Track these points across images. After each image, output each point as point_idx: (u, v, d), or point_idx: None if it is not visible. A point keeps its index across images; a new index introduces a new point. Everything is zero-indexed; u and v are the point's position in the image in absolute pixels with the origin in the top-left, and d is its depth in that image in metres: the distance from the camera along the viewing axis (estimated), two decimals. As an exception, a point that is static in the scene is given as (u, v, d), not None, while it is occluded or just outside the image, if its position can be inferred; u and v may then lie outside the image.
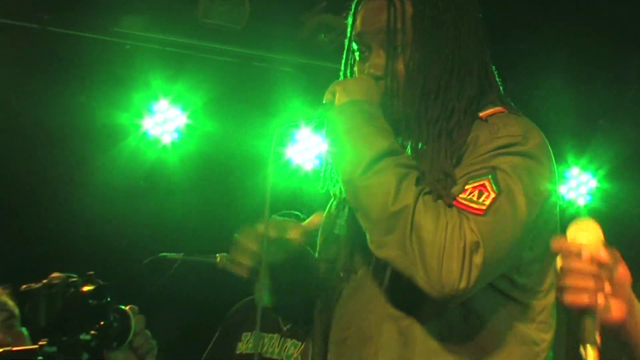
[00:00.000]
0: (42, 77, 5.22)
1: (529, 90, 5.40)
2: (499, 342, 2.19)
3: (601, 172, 5.80)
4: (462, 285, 2.01)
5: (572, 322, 1.76)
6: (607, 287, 1.76)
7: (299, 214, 3.93)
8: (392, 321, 2.19)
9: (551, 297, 2.27)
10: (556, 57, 5.33)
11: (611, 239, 1.81)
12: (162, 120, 5.58)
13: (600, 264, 1.75)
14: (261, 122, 5.34)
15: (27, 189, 5.42)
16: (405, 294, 2.16)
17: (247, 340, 4.22)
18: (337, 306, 2.33)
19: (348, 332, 2.28)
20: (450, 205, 2.09)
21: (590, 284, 1.74)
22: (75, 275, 2.18)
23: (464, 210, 2.07)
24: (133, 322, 2.17)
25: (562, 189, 5.73)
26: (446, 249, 2.02)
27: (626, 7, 4.97)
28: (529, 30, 5.17)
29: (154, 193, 5.73)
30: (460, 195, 2.10)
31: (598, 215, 5.52)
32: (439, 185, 2.13)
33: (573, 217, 1.84)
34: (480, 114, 2.23)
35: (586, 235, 1.78)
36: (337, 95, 2.23)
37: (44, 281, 2.16)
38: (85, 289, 2.14)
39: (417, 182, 2.11)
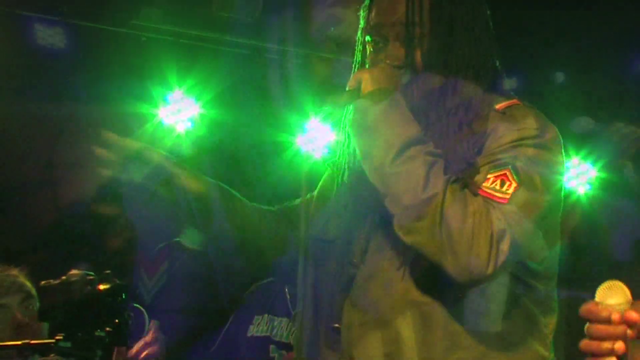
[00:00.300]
0: (60, 69, 5.24)
1: (531, 84, 5.43)
2: (514, 324, 2.28)
3: (600, 163, 5.82)
4: (489, 270, 2.09)
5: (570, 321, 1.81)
6: (622, 347, 1.74)
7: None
8: (414, 306, 2.25)
9: (555, 283, 2.37)
10: (558, 52, 5.38)
11: (609, 227, 1.88)
12: (176, 110, 5.59)
13: (630, 324, 1.74)
14: (272, 112, 5.39)
15: (41, 180, 5.44)
16: (426, 280, 2.22)
17: (259, 324, 4.24)
18: (352, 290, 2.37)
19: (366, 317, 2.32)
20: (475, 194, 2.16)
21: (614, 346, 1.73)
22: (92, 273, 2.21)
23: (488, 199, 2.15)
24: (147, 320, 2.23)
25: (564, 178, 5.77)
26: (474, 237, 2.09)
27: (628, 2, 5.02)
28: (532, 28, 5.20)
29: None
30: (484, 184, 2.17)
31: (597, 203, 5.63)
32: (464, 175, 2.19)
33: (574, 205, 1.91)
34: (497, 106, 2.30)
35: (615, 298, 1.75)
36: (363, 83, 2.27)
37: (63, 278, 2.20)
38: (102, 287, 2.18)
39: (444, 170, 2.18)
